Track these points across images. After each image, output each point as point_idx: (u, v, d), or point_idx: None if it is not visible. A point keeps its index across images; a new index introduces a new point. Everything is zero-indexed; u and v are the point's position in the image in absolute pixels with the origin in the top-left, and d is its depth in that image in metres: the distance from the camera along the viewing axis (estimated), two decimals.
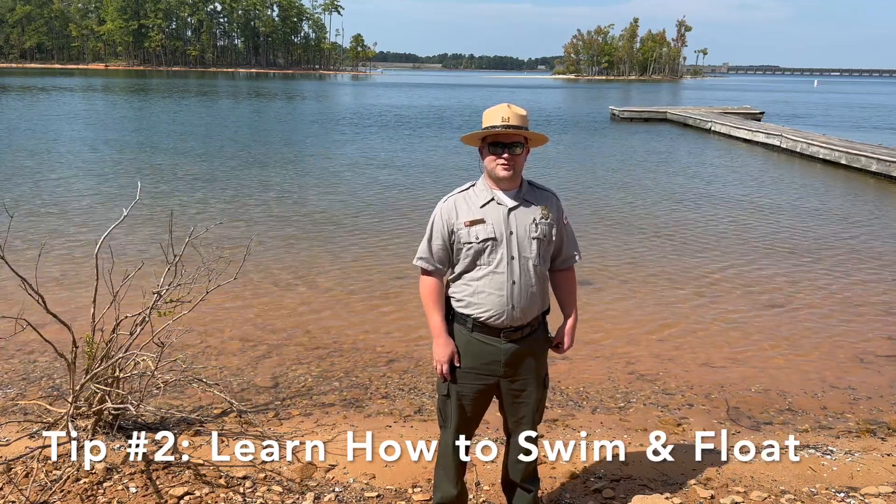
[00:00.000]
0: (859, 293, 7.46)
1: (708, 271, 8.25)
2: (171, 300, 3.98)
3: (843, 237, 10.13)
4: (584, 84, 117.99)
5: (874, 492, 3.51)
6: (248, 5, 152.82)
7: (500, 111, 2.62)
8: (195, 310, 4.24)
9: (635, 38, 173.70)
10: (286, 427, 4.22)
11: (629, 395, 4.98)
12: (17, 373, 5.05)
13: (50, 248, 8.30)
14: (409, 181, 14.68)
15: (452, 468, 2.89)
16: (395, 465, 3.72)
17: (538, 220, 2.68)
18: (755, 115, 34.06)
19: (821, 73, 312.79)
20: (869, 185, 15.28)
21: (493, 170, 2.64)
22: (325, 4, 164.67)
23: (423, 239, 2.77)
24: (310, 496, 3.36)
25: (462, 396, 2.77)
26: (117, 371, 3.78)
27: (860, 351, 5.87)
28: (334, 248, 9.03)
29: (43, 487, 3.28)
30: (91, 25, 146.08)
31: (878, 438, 4.32)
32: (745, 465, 3.83)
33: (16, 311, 3.58)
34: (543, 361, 2.85)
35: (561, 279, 2.87)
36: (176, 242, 4.14)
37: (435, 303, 2.75)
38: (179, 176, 14.58)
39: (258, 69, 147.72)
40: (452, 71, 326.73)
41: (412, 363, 5.44)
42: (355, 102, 46.69)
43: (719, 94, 72.74)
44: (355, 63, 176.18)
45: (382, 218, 10.89)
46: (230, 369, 5.25)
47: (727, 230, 10.49)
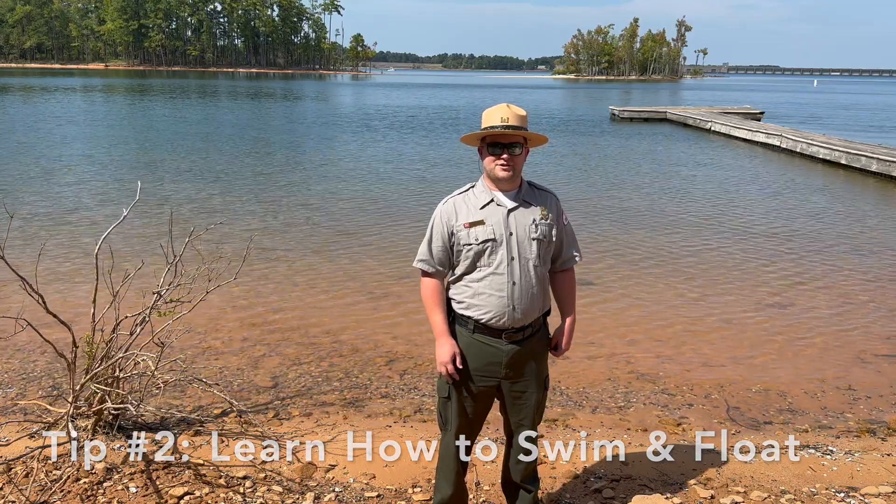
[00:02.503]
0: (859, 293, 7.46)
1: (708, 271, 8.25)
2: (171, 300, 3.98)
3: (843, 237, 10.13)
4: (584, 84, 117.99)
5: (874, 492, 3.51)
6: (248, 5, 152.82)
7: (500, 111, 2.61)
8: (195, 310, 4.24)
9: (635, 38, 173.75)
10: (286, 427, 4.22)
11: (629, 395, 4.98)
12: (17, 373, 5.05)
13: (50, 248, 8.30)
14: (410, 181, 14.68)
15: (453, 470, 2.88)
16: (395, 465, 3.72)
17: (538, 221, 2.67)
18: (755, 115, 34.08)
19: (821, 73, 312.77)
20: (869, 185, 15.28)
21: (493, 170, 2.64)
22: (325, 4, 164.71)
23: (423, 241, 2.76)
24: (310, 496, 3.36)
25: (463, 398, 2.77)
26: (117, 371, 3.78)
27: (860, 351, 5.87)
28: (335, 248, 9.03)
29: (43, 487, 3.28)
30: (91, 25, 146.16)
31: (878, 438, 4.32)
32: (745, 465, 3.83)
33: (16, 311, 3.58)
34: (544, 362, 2.85)
35: (561, 280, 2.87)
36: (176, 242, 4.14)
37: (436, 304, 2.75)
38: (180, 176, 14.58)
39: (258, 69, 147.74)
40: (452, 71, 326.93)
41: (412, 363, 5.44)
42: (363, 103, 46.63)
43: (719, 94, 72.75)
44: (355, 63, 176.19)
45: (383, 218, 10.89)
46: (230, 369, 5.25)
47: (727, 230, 10.48)
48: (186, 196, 12.35)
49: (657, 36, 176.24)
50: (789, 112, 43.23)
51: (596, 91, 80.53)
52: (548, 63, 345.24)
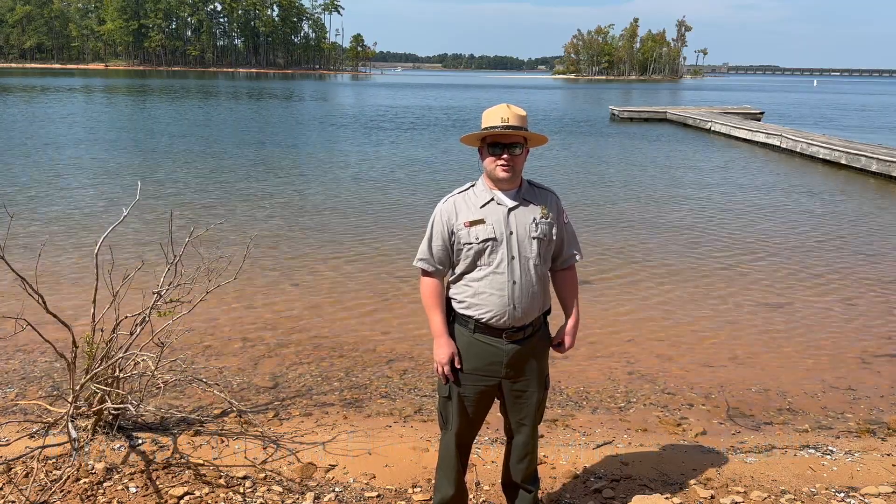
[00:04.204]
0: (859, 293, 7.46)
1: (708, 271, 8.25)
2: (171, 300, 3.98)
3: (842, 237, 10.13)
4: (584, 84, 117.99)
5: (874, 492, 3.51)
6: (248, 5, 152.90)
7: (500, 111, 2.61)
8: (195, 310, 4.24)
9: (635, 38, 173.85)
10: (286, 427, 4.22)
11: (629, 395, 4.98)
12: (17, 373, 5.05)
13: (50, 248, 8.30)
14: (409, 181, 14.68)
15: (453, 470, 2.88)
16: (395, 465, 3.72)
17: (538, 220, 2.67)
18: (755, 115, 34.08)
19: (821, 73, 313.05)
20: (869, 185, 15.28)
21: (493, 171, 2.63)
22: (325, 4, 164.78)
23: (424, 240, 2.76)
24: (310, 496, 3.36)
25: (464, 398, 2.77)
26: (117, 371, 3.78)
27: (860, 351, 5.87)
28: (335, 247, 9.03)
29: (43, 487, 3.28)
30: (91, 25, 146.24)
31: (878, 438, 4.31)
32: (745, 465, 3.83)
33: (16, 311, 3.58)
34: (545, 362, 2.84)
35: (562, 279, 2.87)
36: (176, 242, 4.14)
37: (435, 304, 2.74)
38: (180, 176, 14.58)
39: (258, 69, 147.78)
40: (452, 71, 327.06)
41: (412, 363, 5.44)
42: (367, 103, 46.55)
43: (719, 94, 72.75)
44: (355, 63, 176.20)
45: (384, 218, 10.89)
46: (230, 369, 5.25)
47: (727, 230, 10.48)
48: (187, 196, 12.35)
49: (657, 36, 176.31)
50: (789, 112, 43.23)
51: (596, 91, 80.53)
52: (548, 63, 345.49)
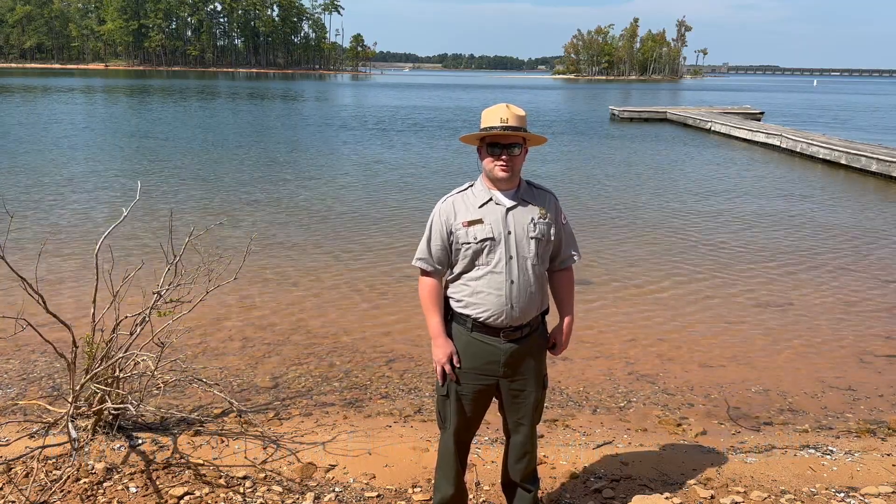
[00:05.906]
0: (859, 293, 7.46)
1: (708, 271, 8.25)
2: (171, 300, 3.98)
3: (842, 237, 10.12)
4: (584, 84, 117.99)
5: (874, 492, 3.51)
6: (248, 5, 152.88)
7: (499, 112, 2.61)
8: (195, 310, 4.24)
9: (635, 38, 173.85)
10: (286, 427, 4.22)
11: (629, 395, 4.98)
12: (17, 373, 5.05)
13: (50, 248, 8.30)
14: (409, 181, 14.68)
15: (452, 469, 2.88)
16: (395, 465, 3.72)
17: (536, 220, 2.67)
18: (755, 115, 34.08)
19: (821, 73, 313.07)
20: (869, 186, 15.28)
21: (492, 171, 2.64)
22: (325, 4, 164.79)
23: (422, 239, 2.76)
24: (310, 496, 3.36)
25: (462, 396, 2.77)
26: (117, 371, 3.78)
27: (860, 351, 5.87)
28: (334, 248, 9.03)
29: (43, 487, 3.28)
30: (91, 25, 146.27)
31: (878, 438, 4.31)
32: (745, 465, 3.83)
33: (16, 311, 3.58)
34: (543, 361, 2.85)
35: (559, 279, 2.87)
36: (176, 242, 4.14)
37: (434, 303, 2.75)
38: (180, 176, 14.58)
39: (258, 69, 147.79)
40: (453, 71, 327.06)
41: (412, 363, 5.44)
42: (371, 104, 46.55)
43: (719, 95, 72.72)
44: (355, 63, 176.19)
45: (384, 218, 10.89)
46: (230, 369, 5.25)
47: (727, 230, 10.48)
48: (187, 196, 12.35)
49: (657, 36, 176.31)
50: (789, 112, 43.22)
51: (596, 91, 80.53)
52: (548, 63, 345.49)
